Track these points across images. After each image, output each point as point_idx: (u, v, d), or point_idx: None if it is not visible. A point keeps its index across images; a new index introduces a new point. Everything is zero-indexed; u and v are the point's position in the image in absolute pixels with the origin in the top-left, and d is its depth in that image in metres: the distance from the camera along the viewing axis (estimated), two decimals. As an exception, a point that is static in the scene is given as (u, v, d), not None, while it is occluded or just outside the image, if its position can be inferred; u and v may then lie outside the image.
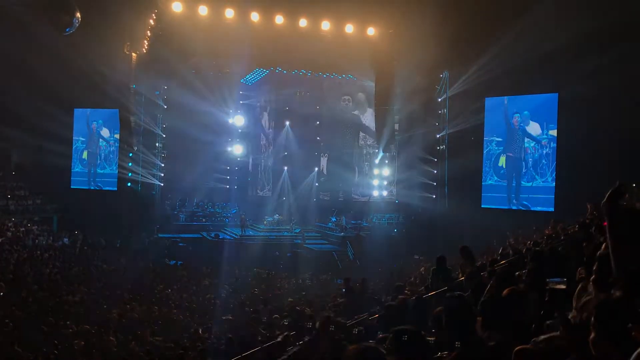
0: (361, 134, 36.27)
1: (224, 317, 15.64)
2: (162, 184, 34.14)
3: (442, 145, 30.28)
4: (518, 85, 26.48)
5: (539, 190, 26.53)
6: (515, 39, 23.22)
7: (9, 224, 28.69)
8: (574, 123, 23.32)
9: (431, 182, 30.62)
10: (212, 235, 31.65)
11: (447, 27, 25.82)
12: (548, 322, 3.35)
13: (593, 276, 2.97)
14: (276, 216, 34.04)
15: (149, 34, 29.55)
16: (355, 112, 35.95)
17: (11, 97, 30.44)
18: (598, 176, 19.67)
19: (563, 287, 3.96)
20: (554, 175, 25.92)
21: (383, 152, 32.80)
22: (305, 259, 28.09)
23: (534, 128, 26.81)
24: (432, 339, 3.93)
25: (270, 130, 36.61)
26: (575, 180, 22.26)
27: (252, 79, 35.87)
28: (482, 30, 24.54)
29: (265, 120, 37.17)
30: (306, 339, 6.31)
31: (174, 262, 27.46)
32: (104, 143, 35.22)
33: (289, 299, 17.29)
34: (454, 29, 25.58)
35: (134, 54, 31.08)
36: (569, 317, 2.99)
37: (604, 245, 3.55)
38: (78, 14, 19.53)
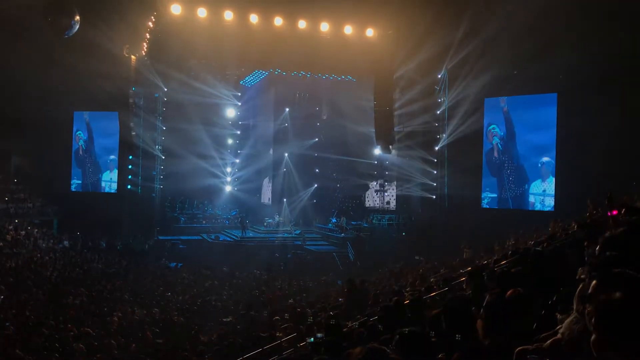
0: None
1: (224, 319, 15.67)
2: (162, 186, 34.14)
3: (442, 145, 30.28)
4: (517, 85, 26.49)
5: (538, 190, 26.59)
6: (514, 39, 23.33)
7: (10, 227, 28.70)
8: (573, 122, 23.32)
9: (431, 183, 30.63)
10: (212, 237, 31.65)
11: (446, 28, 25.92)
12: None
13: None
14: (276, 217, 34.01)
15: (148, 36, 29.57)
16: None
17: (10, 100, 30.43)
18: (598, 175, 19.74)
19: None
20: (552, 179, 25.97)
21: (382, 152, 32.80)
22: (305, 260, 28.08)
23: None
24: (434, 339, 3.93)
25: (271, 131, 36.46)
26: (575, 180, 22.29)
27: (252, 81, 35.89)
28: (481, 30, 24.57)
29: (265, 121, 37.06)
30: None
31: (174, 264, 27.45)
32: (104, 145, 35.25)
33: (290, 301, 17.31)
34: (452, 29, 25.69)
35: (133, 57, 31.11)
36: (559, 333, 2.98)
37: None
38: (77, 17, 19.58)
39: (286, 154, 35.55)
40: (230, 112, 37.57)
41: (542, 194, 26.59)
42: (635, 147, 19.84)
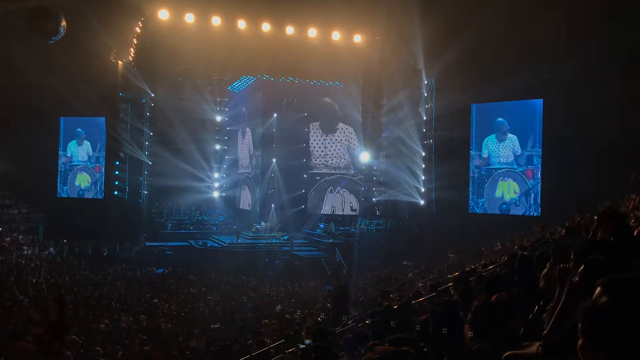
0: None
1: (212, 326, 15.59)
2: (149, 192, 33.96)
3: (429, 151, 30.36)
4: (504, 91, 26.66)
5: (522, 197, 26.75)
6: (501, 45, 23.50)
7: (-6, 234, 28.41)
8: (559, 128, 23.49)
9: (419, 188, 30.72)
10: (200, 243, 31.48)
11: (433, 34, 26.06)
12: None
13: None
14: (263, 223, 33.87)
15: (136, 42, 29.49)
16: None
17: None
18: (584, 180, 19.89)
19: None
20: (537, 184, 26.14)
21: (370, 158, 32.85)
22: (293, 266, 28.02)
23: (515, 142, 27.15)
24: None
25: (258, 137, 36.41)
26: (562, 184, 22.43)
27: (239, 87, 35.84)
28: (468, 36, 24.72)
29: (251, 128, 37.01)
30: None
31: (162, 270, 27.27)
32: (91, 151, 35.02)
33: (278, 307, 17.27)
34: (439, 35, 25.82)
35: (120, 62, 31.00)
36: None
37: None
38: (64, 22, 19.43)
39: (274, 160, 35.47)
40: (217, 118, 37.54)
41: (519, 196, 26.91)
42: (622, 153, 19.99)
